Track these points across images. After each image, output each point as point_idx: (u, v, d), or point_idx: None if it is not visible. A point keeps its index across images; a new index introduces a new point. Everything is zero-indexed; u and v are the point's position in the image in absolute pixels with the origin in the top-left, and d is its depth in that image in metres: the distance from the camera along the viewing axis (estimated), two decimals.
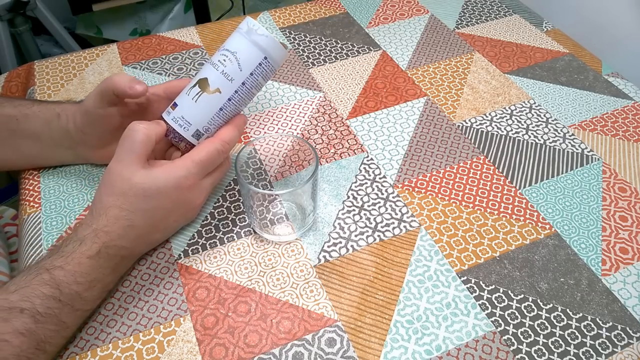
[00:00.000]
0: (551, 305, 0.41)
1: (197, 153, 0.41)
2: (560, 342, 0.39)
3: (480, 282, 0.42)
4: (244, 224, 0.46)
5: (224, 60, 0.41)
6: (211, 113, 0.42)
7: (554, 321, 0.40)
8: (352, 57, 0.66)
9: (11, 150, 0.49)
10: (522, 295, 0.42)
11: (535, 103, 0.59)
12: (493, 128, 0.56)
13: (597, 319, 0.40)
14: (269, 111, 0.58)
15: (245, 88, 0.42)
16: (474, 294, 0.42)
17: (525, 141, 0.55)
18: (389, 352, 0.38)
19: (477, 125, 0.56)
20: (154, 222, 0.41)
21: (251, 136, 0.55)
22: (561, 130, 0.56)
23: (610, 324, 0.40)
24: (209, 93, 0.41)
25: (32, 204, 0.48)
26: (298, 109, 0.58)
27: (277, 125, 0.56)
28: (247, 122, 0.45)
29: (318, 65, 0.65)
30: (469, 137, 0.55)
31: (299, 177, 0.49)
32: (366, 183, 0.50)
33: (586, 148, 0.54)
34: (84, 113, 0.45)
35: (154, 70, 0.63)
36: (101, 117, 0.44)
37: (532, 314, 0.40)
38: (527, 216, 0.47)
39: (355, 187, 0.50)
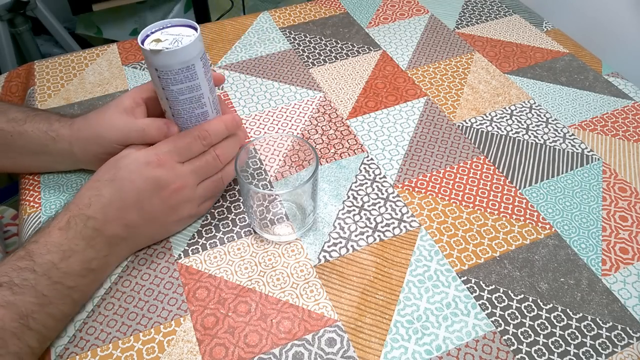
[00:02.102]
0: (551, 305, 0.41)
1: (174, 134, 0.42)
2: (560, 342, 0.39)
3: (481, 282, 0.42)
4: (244, 224, 0.46)
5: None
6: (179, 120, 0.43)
7: (554, 321, 0.40)
8: (352, 57, 0.66)
9: (9, 162, 0.49)
10: (522, 295, 0.42)
11: (535, 103, 0.59)
12: (493, 128, 0.56)
13: (597, 319, 0.40)
14: (269, 111, 0.58)
15: (175, 97, 0.41)
16: (474, 294, 0.42)
17: (525, 141, 0.55)
18: (389, 352, 0.38)
19: (477, 125, 0.56)
20: (122, 196, 0.40)
21: (251, 136, 0.55)
22: (561, 130, 0.56)
23: (610, 324, 0.40)
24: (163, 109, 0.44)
25: (32, 204, 0.48)
26: (298, 109, 0.58)
27: (277, 125, 0.56)
28: (239, 121, 0.44)
29: (318, 65, 0.65)
30: (469, 137, 0.55)
31: (299, 177, 0.49)
32: (366, 183, 0.50)
33: (586, 148, 0.54)
34: (85, 152, 0.45)
35: None
36: (107, 154, 0.43)
37: (532, 314, 0.40)
38: (527, 216, 0.47)
39: (355, 187, 0.50)
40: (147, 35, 0.40)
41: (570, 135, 0.55)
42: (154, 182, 0.40)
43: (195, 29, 0.40)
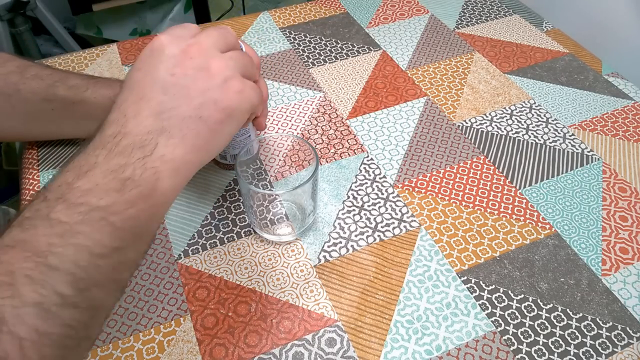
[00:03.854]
0: (551, 305, 0.41)
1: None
2: (561, 342, 0.39)
3: (481, 282, 0.42)
4: (244, 224, 0.46)
5: None
6: None
7: (554, 321, 0.40)
8: (352, 57, 0.66)
9: (72, 129, 0.48)
10: (522, 295, 0.42)
11: (535, 103, 0.59)
12: (493, 128, 0.56)
13: (597, 319, 0.40)
14: (269, 111, 0.58)
15: None
16: (474, 294, 0.42)
17: (525, 141, 0.55)
18: (389, 352, 0.38)
19: (477, 125, 0.56)
20: (135, 85, 0.32)
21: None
22: (561, 130, 0.56)
23: (610, 324, 0.40)
24: None
25: None
26: (298, 109, 0.58)
27: (277, 125, 0.56)
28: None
29: (318, 65, 0.65)
30: (469, 137, 0.55)
31: (299, 177, 0.49)
32: (366, 183, 0.50)
33: (586, 148, 0.54)
34: None
35: None
36: None
37: (532, 314, 0.40)
38: (527, 216, 0.47)
39: (355, 187, 0.50)
40: None
41: (570, 135, 0.55)
42: (188, 68, 0.32)
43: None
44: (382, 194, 0.49)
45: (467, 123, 0.57)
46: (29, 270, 0.25)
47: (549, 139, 0.55)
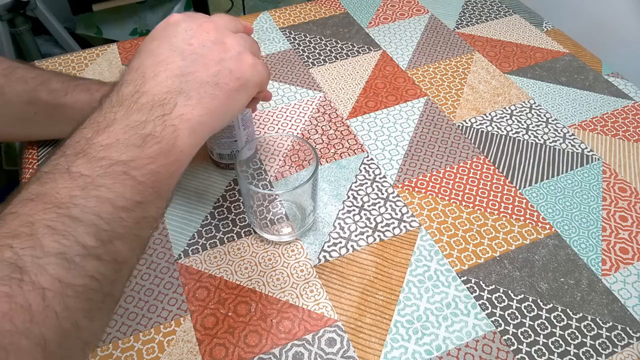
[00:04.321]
0: (551, 305, 0.41)
1: None
2: (560, 342, 0.39)
3: (481, 282, 0.42)
4: (244, 224, 0.46)
5: None
6: None
7: (554, 321, 0.40)
8: (352, 57, 0.66)
9: (56, 132, 0.48)
10: (522, 295, 0.42)
11: (535, 103, 0.59)
12: (493, 128, 0.56)
13: (597, 319, 0.40)
14: (269, 111, 0.58)
15: None
16: (474, 294, 0.42)
17: (525, 141, 0.55)
18: (389, 352, 0.38)
19: (477, 125, 0.56)
20: (151, 48, 0.33)
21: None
22: (561, 130, 0.56)
23: (610, 324, 0.40)
24: None
25: None
26: (298, 109, 0.58)
27: (277, 125, 0.56)
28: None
29: (318, 65, 0.65)
30: (469, 137, 0.55)
31: (299, 177, 0.49)
32: (366, 183, 0.50)
33: (586, 148, 0.54)
34: None
35: None
36: None
37: (532, 314, 0.40)
38: (527, 216, 0.47)
39: (355, 187, 0.50)
40: None
41: (570, 135, 0.55)
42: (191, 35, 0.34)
43: None
44: (382, 194, 0.49)
45: (467, 123, 0.57)
46: (50, 222, 0.24)
47: (549, 139, 0.55)
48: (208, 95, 0.32)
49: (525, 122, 0.57)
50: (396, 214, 0.47)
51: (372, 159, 0.52)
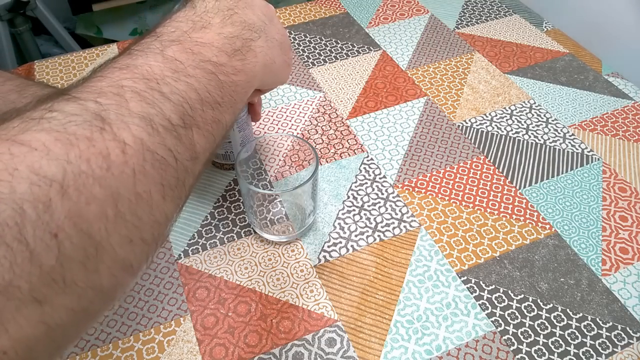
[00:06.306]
0: (551, 305, 0.41)
1: None
2: (560, 342, 0.39)
3: (480, 282, 0.42)
4: (244, 224, 0.46)
5: None
6: None
7: (554, 321, 0.40)
8: (352, 57, 0.66)
9: None
10: (522, 295, 0.42)
11: (535, 103, 0.59)
12: (493, 128, 0.56)
13: (597, 319, 0.40)
14: (269, 111, 0.58)
15: None
16: (474, 294, 0.42)
17: (525, 141, 0.55)
18: (389, 352, 0.38)
19: (477, 125, 0.56)
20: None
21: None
22: (561, 130, 0.56)
23: (610, 324, 0.40)
24: None
25: None
26: (298, 109, 0.58)
27: (277, 125, 0.56)
28: None
29: (318, 65, 0.64)
30: (469, 137, 0.55)
31: (299, 177, 0.49)
32: (366, 183, 0.50)
33: (586, 148, 0.54)
34: None
35: None
36: None
37: (532, 314, 0.40)
38: (527, 216, 0.47)
39: (355, 187, 0.50)
40: None
41: (570, 135, 0.55)
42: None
43: None
44: (382, 194, 0.49)
45: (467, 123, 0.57)
46: (139, 90, 0.23)
47: (549, 139, 0.55)
48: (272, 51, 0.35)
49: (525, 122, 0.57)
50: (396, 214, 0.47)
51: (372, 159, 0.52)
